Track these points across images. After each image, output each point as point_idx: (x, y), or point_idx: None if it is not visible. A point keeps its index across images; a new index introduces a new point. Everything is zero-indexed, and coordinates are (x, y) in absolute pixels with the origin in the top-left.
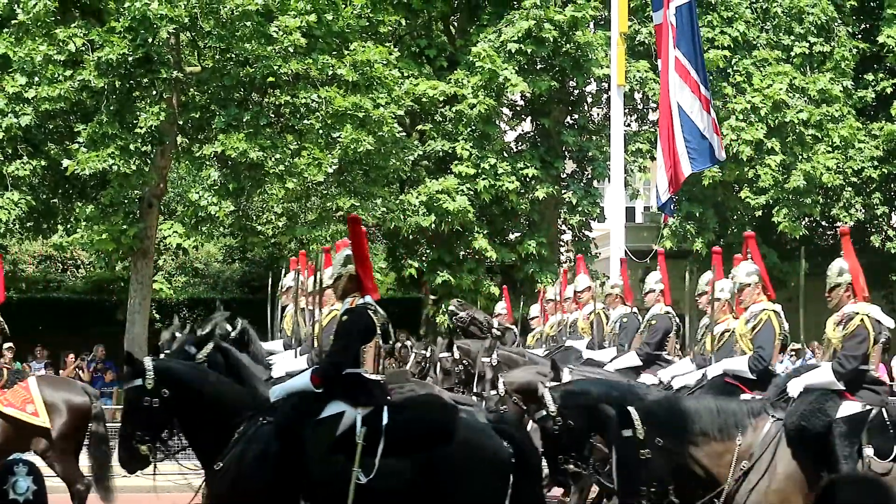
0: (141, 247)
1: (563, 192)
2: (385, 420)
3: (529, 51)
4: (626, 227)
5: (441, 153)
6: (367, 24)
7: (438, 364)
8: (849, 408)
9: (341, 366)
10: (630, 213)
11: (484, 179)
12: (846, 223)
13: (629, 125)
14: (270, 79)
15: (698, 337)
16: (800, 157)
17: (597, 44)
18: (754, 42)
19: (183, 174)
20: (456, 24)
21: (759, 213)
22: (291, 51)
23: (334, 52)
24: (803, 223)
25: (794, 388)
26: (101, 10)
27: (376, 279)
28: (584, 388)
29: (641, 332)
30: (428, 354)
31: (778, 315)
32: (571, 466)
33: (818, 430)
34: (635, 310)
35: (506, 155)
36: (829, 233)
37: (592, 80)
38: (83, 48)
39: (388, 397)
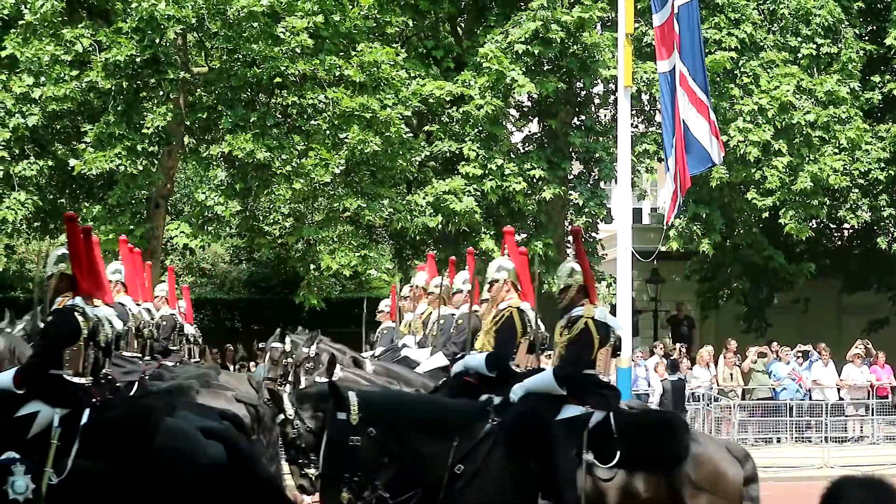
0: (148, 247)
1: (569, 193)
2: (84, 420)
3: (536, 52)
4: (632, 228)
5: (448, 154)
6: (375, 24)
7: (268, 354)
8: (569, 411)
9: (43, 367)
10: (637, 214)
11: (491, 180)
12: (850, 224)
13: (636, 126)
14: (277, 79)
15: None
16: (807, 158)
17: (604, 45)
18: (761, 44)
19: (190, 174)
20: (463, 25)
21: (766, 214)
22: (298, 51)
23: (341, 53)
24: (810, 225)
25: (516, 392)
26: (108, 10)
27: (383, 279)
28: (321, 389)
29: (451, 332)
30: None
31: (522, 314)
32: (313, 471)
33: (533, 433)
34: (454, 311)
35: (513, 156)
36: (835, 235)
37: (599, 81)
38: (90, 49)
39: (94, 399)
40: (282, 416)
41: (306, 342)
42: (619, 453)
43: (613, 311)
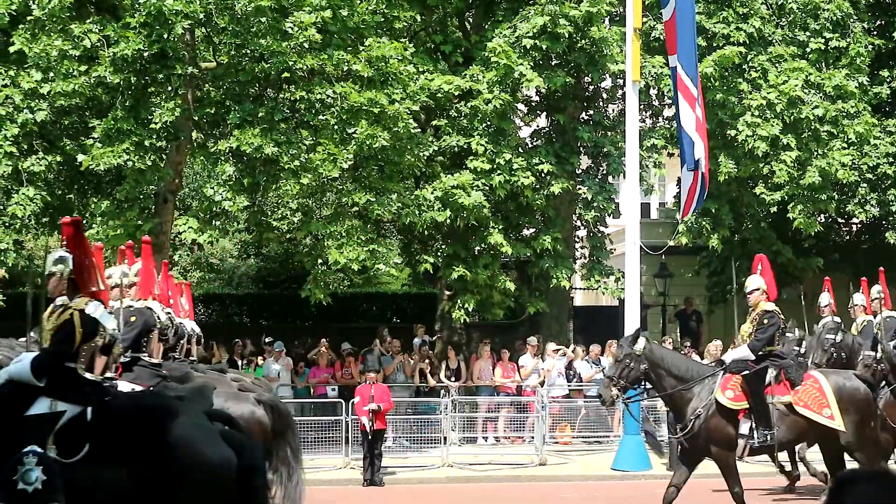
0: (156, 242)
1: (578, 187)
2: (91, 416)
3: (545, 46)
4: (640, 222)
5: (456, 148)
6: (383, 19)
7: None
8: (39, 406)
9: (59, 357)
10: (645, 208)
11: (499, 175)
12: (859, 219)
13: (644, 121)
14: (285, 74)
15: None
16: (815, 153)
17: (612, 39)
18: (770, 38)
19: (198, 170)
20: (471, 19)
21: (775, 208)
22: (306, 46)
23: (349, 48)
24: (819, 219)
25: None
26: (116, 5)
27: (392, 274)
28: None
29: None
30: None
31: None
32: None
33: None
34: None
35: (521, 150)
36: (844, 229)
37: (607, 75)
38: (98, 44)
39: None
40: None
41: None
42: (87, 447)
43: (622, 305)
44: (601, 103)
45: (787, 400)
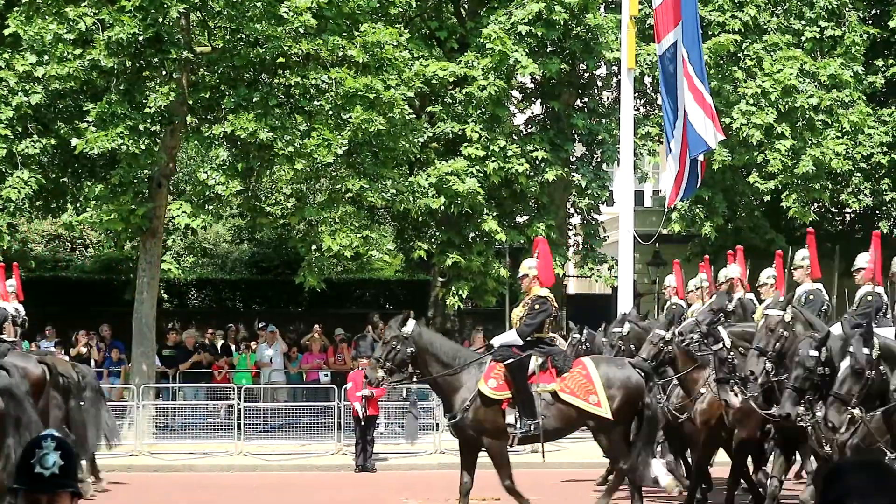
0: (150, 226)
1: (572, 174)
2: None
3: (540, 33)
4: (634, 210)
5: (451, 135)
6: (378, 5)
7: None
8: None
9: None
10: (639, 196)
11: (493, 161)
12: (852, 208)
13: (639, 109)
14: (280, 59)
15: None
16: (809, 142)
17: (607, 27)
18: (765, 26)
19: (192, 154)
20: (466, 5)
21: (768, 197)
22: (302, 31)
23: (344, 34)
24: (812, 208)
25: None
26: None
27: (386, 261)
28: None
29: None
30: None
31: None
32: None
33: None
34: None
35: (515, 137)
36: (837, 219)
37: (602, 63)
38: (93, 27)
39: None
40: None
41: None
42: None
43: (615, 293)
44: (596, 91)
45: (552, 388)
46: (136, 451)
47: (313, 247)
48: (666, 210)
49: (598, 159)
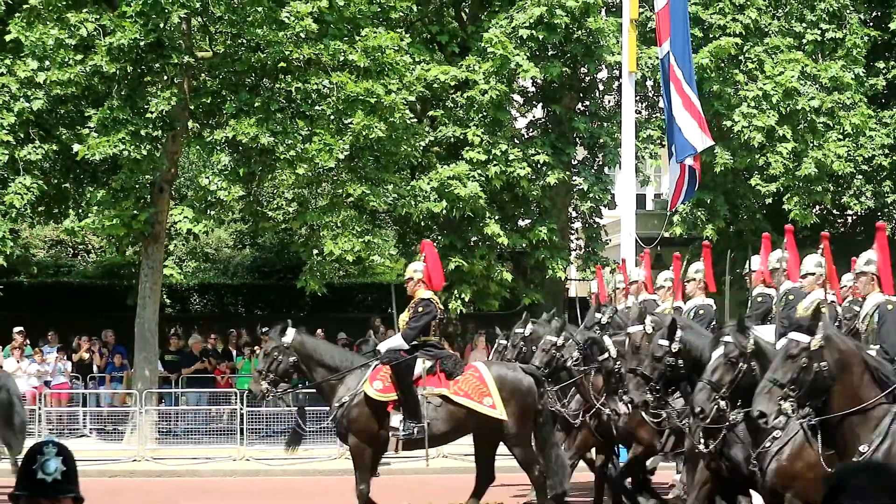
0: (152, 232)
1: (574, 178)
2: None
3: (541, 37)
4: (636, 213)
5: (452, 139)
6: (379, 9)
7: None
8: None
9: None
10: (640, 200)
11: (495, 165)
12: (854, 210)
13: (640, 112)
14: (282, 64)
15: None
16: (811, 144)
17: (608, 30)
18: (766, 29)
19: (194, 159)
20: (468, 9)
21: (770, 200)
22: (303, 36)
23: (346, 38)
24: (814, 211)
25: None
26: None
27: (387, 265)
28: None
29: None
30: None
31: None
32: None
33: None
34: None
35: (517, 141)
36: (839, 221)
37: (604, 66)
38: (95, 33)
39: None
40: None
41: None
42: None
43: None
44: (597, 94)
45: (440, 391)
46: (139, 456)
47: (315, 251)
48: (668, 213)
49: (600, 163)
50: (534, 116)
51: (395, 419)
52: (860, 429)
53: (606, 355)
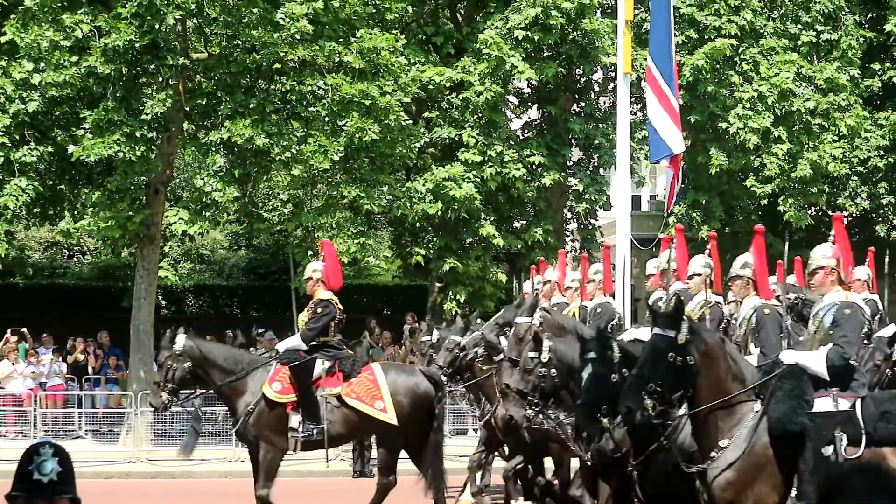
0: (147, 233)
1: (569, 179)
2: None
3: (536, 38)
4: (631, 215)
5: (447, 140)
6: (374, 11)
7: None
8: None
9: None
10: (636, 201)
11: (490, 167)
12: (849, 212)
13: (635, 113)
14: (277, 66)
15: None
16: (806, 145)
17: (603, 32)
18: (761, 31)
19: (189, 161)
20: (463, 11)
21: (765, 201)
22: (298, 38)
23: (341, 40)
24: (809, 212)
25: None
26: None
27: (382, 266)
28: None
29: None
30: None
31: None
32: None
33: None
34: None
35: (512, 142)
36: None
37: (599, 67)
38: (90, 34)
39: None
40: None
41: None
42: None
43: (612, 298)
44: (593, 95)
45: (338, 392)
46: (134, 457)
47: (310, 252)
48: (665, 215)
49: (595, 164)
50: (529, 118)
51: (295, 420)
52: (724, 423)
53: (501, 356)
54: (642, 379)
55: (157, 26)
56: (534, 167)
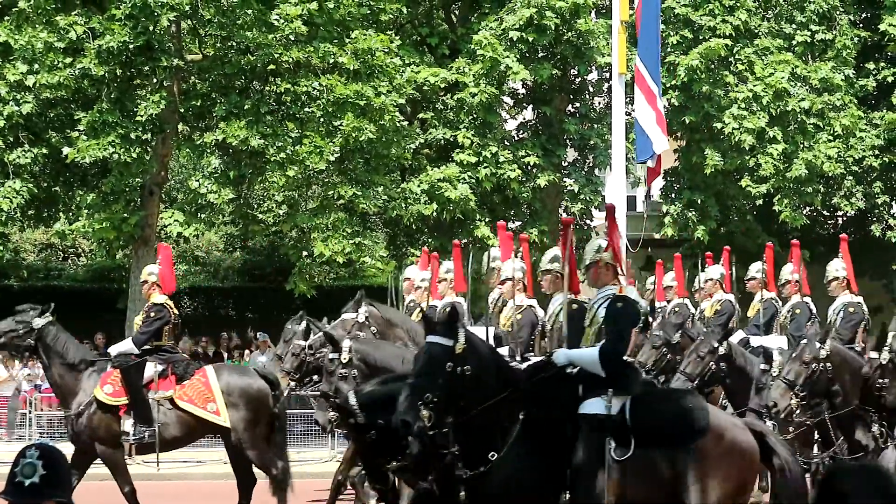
0: (142, 235)
1: (564, 180)
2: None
3: (531, 39)
4: (626, 215)
5: (442, 141)
6: (369, 12)
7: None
8: None
9: None
10: (631, 201)
11: (485, 167)
12: (844, 212)
13: (630, 113)
14: (271, 67)
15: None
16: (801, 145)
17: (598, 32)
18: (756, 31)
19: (184, 162)
20: (457, 12)
21: (760, 201)
22: (292, 39)
23: (335, 41)
24: (804, 212)
25: None
26: None
27: (377, 268)
28: None
29: None
30: None
31: None
32: None
33: None
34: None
35: (507, 143)
36: (829, 222)
37: (594, 68)
38: (84, 36)
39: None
40: None
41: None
42: None
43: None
44: (587, 96)
45: (170, 395)
46: (130, 460)
47: (305, 254)
48: (647, 190)
49: (591, 164)
50: (524, 118)
51: (128, 423)
52: (490, 432)
53: (338, 355)
54: (420, 389)
55: (151, 28)
56: (529, 168)
